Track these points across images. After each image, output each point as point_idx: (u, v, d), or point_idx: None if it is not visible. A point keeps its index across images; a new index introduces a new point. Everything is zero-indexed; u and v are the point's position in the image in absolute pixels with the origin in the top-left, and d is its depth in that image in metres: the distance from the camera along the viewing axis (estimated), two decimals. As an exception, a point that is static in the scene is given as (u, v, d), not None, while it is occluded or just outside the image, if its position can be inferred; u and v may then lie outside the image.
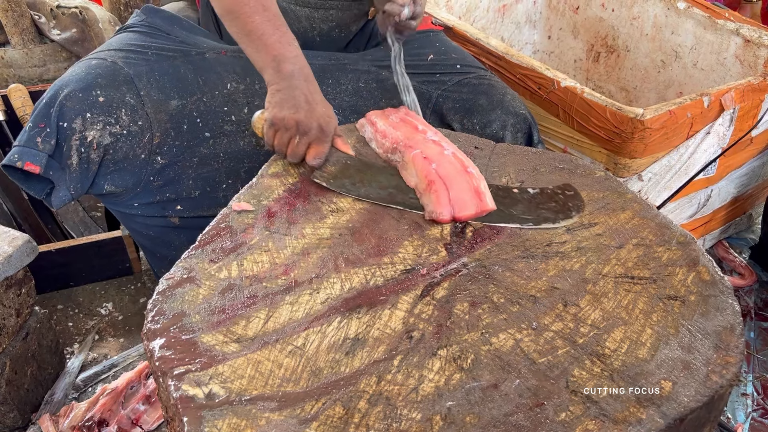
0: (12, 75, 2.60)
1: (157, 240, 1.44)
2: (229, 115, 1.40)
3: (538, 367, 0.84)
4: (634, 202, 1.13)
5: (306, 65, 1.20)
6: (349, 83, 1.49)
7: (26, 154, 1.25)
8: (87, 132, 1.28)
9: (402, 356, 0.85)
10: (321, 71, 1.45)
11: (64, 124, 1.27)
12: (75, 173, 1.29)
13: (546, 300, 0.94)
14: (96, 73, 1.30)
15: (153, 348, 0.86)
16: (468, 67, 1.54)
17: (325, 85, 1.45)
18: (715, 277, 0.98)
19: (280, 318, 0.90)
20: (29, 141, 1.26)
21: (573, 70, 2.46)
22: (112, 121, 1.29)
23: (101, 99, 1.28)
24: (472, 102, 1.47)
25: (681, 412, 0.79)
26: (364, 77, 1.50)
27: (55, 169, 1.27)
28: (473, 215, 1.08)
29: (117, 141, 1.30)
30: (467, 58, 1.57)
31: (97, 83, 1.29)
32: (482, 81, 1.50)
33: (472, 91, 1.48)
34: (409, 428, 0.77)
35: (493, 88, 1.49)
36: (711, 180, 1.74)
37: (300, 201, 1.12)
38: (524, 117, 1.47)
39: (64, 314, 1.76)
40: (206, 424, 0.76)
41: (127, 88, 1.31)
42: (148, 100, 1.33)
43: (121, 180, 1.34)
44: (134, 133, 1.31)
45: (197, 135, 1.38)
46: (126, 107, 1.31)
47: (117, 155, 1.31)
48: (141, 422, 1.38)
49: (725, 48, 1.90)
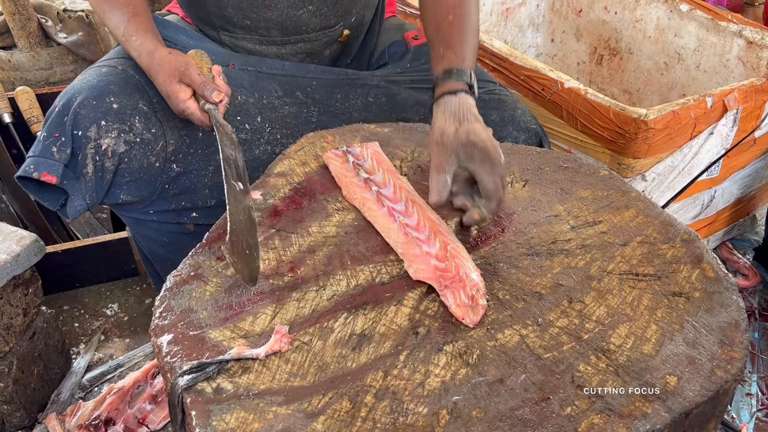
0: (19, 78, 2.62)
1: (170, 246, 1.43)
2: (242, 124, 1.39)
3: (544, 363, 0.85)
4: (638, 201, 1.14)
5: (143, 53, 1.24)
6: (359, 98, 1.48)
7: (42, 165, 1.23)
8: (102, 140, 1.26)
9: (408, 352, 0.86)
10: (330, 86, 1.44)
11: (79, 132, 1.25)
12: (90, 182, 1.27)
13: (551, 297, 0.95)
14: (108, 80, 1.29)
15: (161, 344, 0.87)
16: (478, 81, 1.53)
17: (334, 101, 1.44)
18: (720, 274, 0.99)
19: (287, 314, 0.91)
20: (44, 151, 1.24)
21: (576, 72, 2.47)
22: (126, 128, 1.28)
23: (115, 106, 1.27)
24: (484, 118, 1.45)
25: (686, 406, 0.80)
26: (373, 92, 1.49)
27: (70, 179, 1.25)
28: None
29: (131, 149, 1.29)
30: (476, 70, 1.56)
31: (110, 90, 1.28)
32: (492, 96, 1.49)
33: (483, 107, 1.46)
34: (415, 422, 0.77)
35: (504, 103, 1.48)
36: (714, 181, 1.75)
37: (306, 200, 1.13)
38: (535, 132, 1.46)
39: (70, 315, 1.77)
40: (214, 418, 0.77)
41: (139, 95, 1.30)
42: (161, 108, 1.31)
43: (137, 189, 1.33)
44: (148, 141, 1.30)
45: (212, 143, 1.37)
46: (139, 114, 1.29)
47: (132, 164, 1.30)
48: (147, 421, 1.38)
49: (728, 50, 1.91)
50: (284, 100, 1.42)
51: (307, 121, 1.43)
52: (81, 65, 2.70)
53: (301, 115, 1.43)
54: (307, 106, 1.43)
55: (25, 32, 2.59)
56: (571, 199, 1.14)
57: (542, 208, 1.13)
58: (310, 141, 1.26)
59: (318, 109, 1.44)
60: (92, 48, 2.65)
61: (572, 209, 1.12)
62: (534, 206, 1.13)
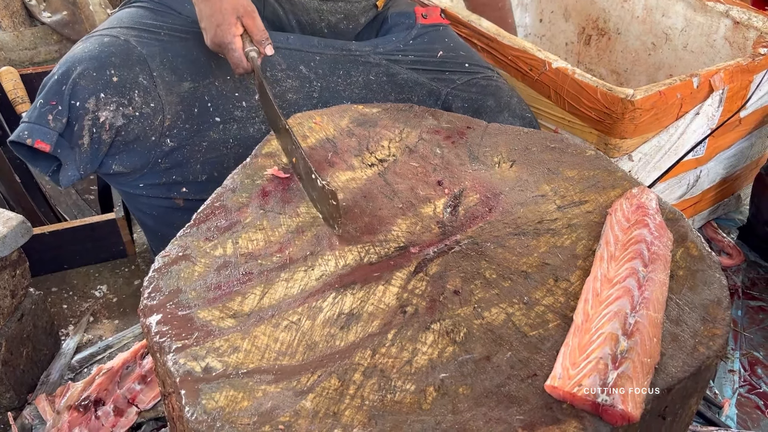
0: (3, 58, 2.59)
1: (159, 220, 1.44)
2: (240, 101, 1.39)
3: (530, 340, 0.86)
4: (624, 180, 1.15)
5: None
6: (360, 76, 1.49)
7: (36, 132, 1.22)
8: (100, 112, 1.25)
9: (396, 330, 0.87)
10: (332, 62, 1.45)
11: (77, 103, 1.24)
12: (86, 153, 1.27)
13: (537, 275, 0.96)
14: (110, 52, 1.27)
15: (150, 324, 0.87)
16: (476, 66, 1.55)
17: (336, 77, 1.45)
18: (703, 252, 1.00)
19: (276, 294, 0.92)
20: (40, 118, 1.23)
21: (564, 53, 2.46)
22: (125, 102, 1.27)
23: (115, 79, 1.26)
24: (481, 103, 1.48)
25: (669, 382, 0.81)
26: (375, 70, 1.50)
27: (64, 148, 1.25)
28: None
29: (129, 123, 1.28)
30: (474, 57, 1.58)
31: (111, 62, 1.27)
32: (490, 82, 1.51)
33: (481, 92, 1.49)
34: (403, 399, 0.78)
35: (501, 90, 1.51)
36: (700, 161, 1.76)
37: (294, 180, 1.13)
38: (530, 120, 1.49)
39: (59, 297, 1.76)
40: (203, 396, 0.78)
41: (140, 68, 1.29)
42: (161, 82, 1.31)
43: (130, 161, 1.32)
44: (146, 115, 1.30)
45: (207, 119, 1.37)
46: (139, 88, 1.29)
47: (128, 137, 1.29)
48: (137, 401, 1.39)
49: (715, 30, 1.91)
50: (287, 73, 1.42)
51: (309, 97, 1.44)
52: (66, 45, 2.66)
53: (303, 90, 1.43)
54: (309, 81, 1.44)
55: (8, 11, 2.56)
56: (557, 179, 1.15)
57: (529, 188, 1.13)
58: (298, 121, 1.26)
59: (320, 84, 1.45)
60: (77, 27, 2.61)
61: (559, 189, 1.13)
62: (521, 186, 1.14)
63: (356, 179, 1.14)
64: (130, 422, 1.36)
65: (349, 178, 1.14)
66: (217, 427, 0.74)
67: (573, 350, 0.82)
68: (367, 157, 1.19)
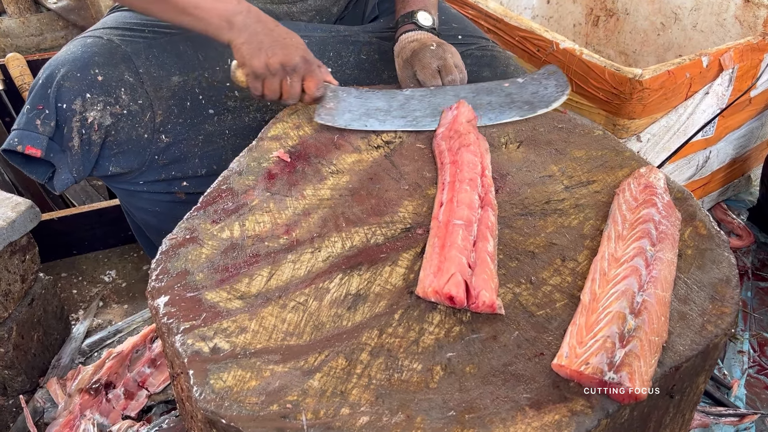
0: (9, 44, 2.59)
1: (162, 216, 1.43)
2: (232, 91, 1.38)
3: (537, 320, 0.86)
4: (632, 160, 1.14)
5: (251, 6, 1.18)
6: (351, 55, 1.47)
7: (26, 138, 1.22)
8: (87, 113, 1.25)
9: (403, 311, 0.87)
10: (321, 44, 1.43)
11: (64, 105, 1.23)
12: (77, 155, 1.27)
13: (544, 255, 0.96)
14: (92, 52, 1.27)
15: (158, 305, 0.87)
16: (469, 37, 1.51)
17: (326, 58, 1.43)
18: (712, 232, 1.00)
19: (283, 275, 0.92)
20: (28, 124, 1.22)
21: (572, 34, 2.44)
22: (112, 101, 1.27)
23: (100, 78, 1.25)
24: (476, 75, 1.44)
25: (677, 360, 0.81)
26: (366, 49, 1.48)
27: (56, 152, 1.24)
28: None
29: (118, 121, 1.28)
30: (468, 28, 1.55)
31: (95, 62, 1.26)
32: (485, 52, 1.48)
33: (476, 63, 1.46)
34: (410, 378, 0.79)
35: (497, 60, 1.47)
36: (709, 141, 1.75)
37: (300, 163, 1.13)
38: None
39: (68, 282, 1.78)
40: (212, 376, 0.78)
41: (125, 66, 1.28)
42: (148, 78, 1.30)
43: (126, 161, 1.32)
44: (135, 113, 1.29)
45: (201, 112, 1.36)
46: (125, 86, 1.28)
47: (119, 136, 1.29)
48: (147, 384, 1.40)
49: (725, 9, 1.89)
50: None
51: None
52: (72, 31, 2.66)
53: None
54: None
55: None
56: (565, 160, 1.15)
57: (536, 168, 1.13)
58: (300, 106, 1.25)
59: None
60: (82, 13, 2.61)
61: (566, 169, 1.12)
62: (528, 167, 1.13)
63: (362, 161, 1.14)
64: (140, 405, 1.37)
65: (355, 160, 1.14)
66: (225, 406, 0.75)
67: (580, 329, 0.81)
68: (373, 138, 1.19)
